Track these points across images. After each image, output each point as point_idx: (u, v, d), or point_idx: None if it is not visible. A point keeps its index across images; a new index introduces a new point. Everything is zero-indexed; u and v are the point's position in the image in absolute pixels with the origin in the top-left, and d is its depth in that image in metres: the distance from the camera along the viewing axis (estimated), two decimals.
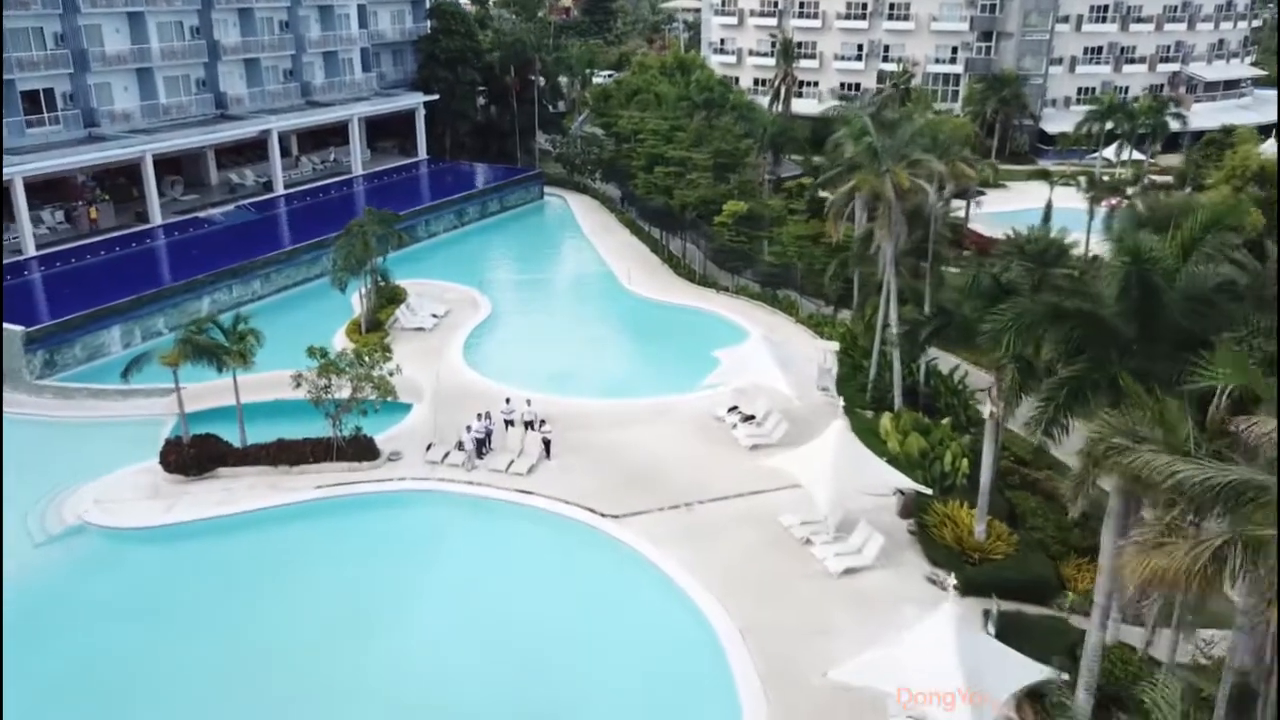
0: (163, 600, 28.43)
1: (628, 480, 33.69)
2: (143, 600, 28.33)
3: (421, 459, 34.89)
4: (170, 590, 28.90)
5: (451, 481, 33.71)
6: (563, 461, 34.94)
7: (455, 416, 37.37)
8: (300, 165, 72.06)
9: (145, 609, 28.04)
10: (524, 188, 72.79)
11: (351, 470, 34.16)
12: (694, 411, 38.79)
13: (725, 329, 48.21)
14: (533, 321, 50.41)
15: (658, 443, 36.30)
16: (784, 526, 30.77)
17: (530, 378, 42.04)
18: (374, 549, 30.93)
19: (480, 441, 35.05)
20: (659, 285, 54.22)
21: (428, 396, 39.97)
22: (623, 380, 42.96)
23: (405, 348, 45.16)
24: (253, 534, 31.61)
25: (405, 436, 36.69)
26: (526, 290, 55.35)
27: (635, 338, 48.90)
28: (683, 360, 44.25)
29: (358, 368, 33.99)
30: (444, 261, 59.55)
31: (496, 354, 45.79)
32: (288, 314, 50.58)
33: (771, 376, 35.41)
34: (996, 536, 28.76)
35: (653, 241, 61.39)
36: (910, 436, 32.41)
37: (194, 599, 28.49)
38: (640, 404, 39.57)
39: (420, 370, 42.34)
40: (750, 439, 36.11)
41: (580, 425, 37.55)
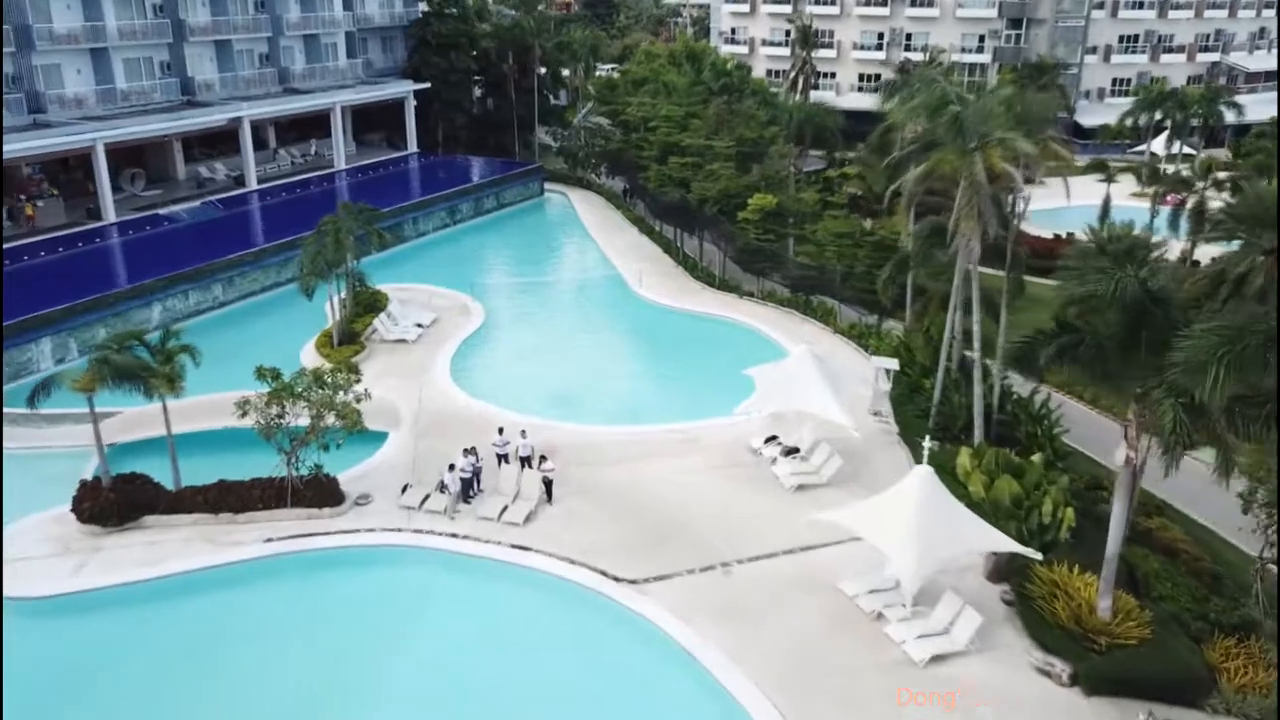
0: (63, 696, 22.15)
1: (647, 531, 27.44)
2: (35, 696, 22.01)
3: (395, 503, 28.62)
4: (73, 682, 22.61)
5: (431, 533, 27.42)
6: (567, 506, 28.68)
7: (439, 448, 31.18)
8: (278, 159, 65.90)
9: (38, 708, 21.75)
10: (523, 183, 66.56)
11: (309, 519, 27.88)
12: (724, 442, 32.52)
13: (753, 341, 42.02)
14: (531, 332, 44.12)
15: (682, 482, 30.03)
16: (848, 596, 24.48)
17: (528, 400, 35.84)
18: (334, 621, 24.66)
19: (467, 482, 28.80)
20: (674, 290, 47.95)
21: (407, 424, 33.70)
22: (638, 403, 36.66)
23: (383, 363, 39.02)
24: (183, 603, 25.33)
25: (377, 474, 30.40)
26: (525, 296, 49.07)
27: (650, 352, 42.60)
28: (708, 379, 38.05)
29: (317, 391, 27.73)
30: (433, 264, 53.37)
31: (489, 371, 39.53)
32: (252, 324, 44.45)
33: (819, 401, 29.13)
34: (1125, 614, 22.48)
35: (665, 241, 55.18)
36: (1000, 479, 26.10)
37: (102, 693, 22.24)
38: (659, 433, 33.27)
39: (400, 391, 36.14)
40: (795, 477, 29.82)
41: (588, 459, 31.28)
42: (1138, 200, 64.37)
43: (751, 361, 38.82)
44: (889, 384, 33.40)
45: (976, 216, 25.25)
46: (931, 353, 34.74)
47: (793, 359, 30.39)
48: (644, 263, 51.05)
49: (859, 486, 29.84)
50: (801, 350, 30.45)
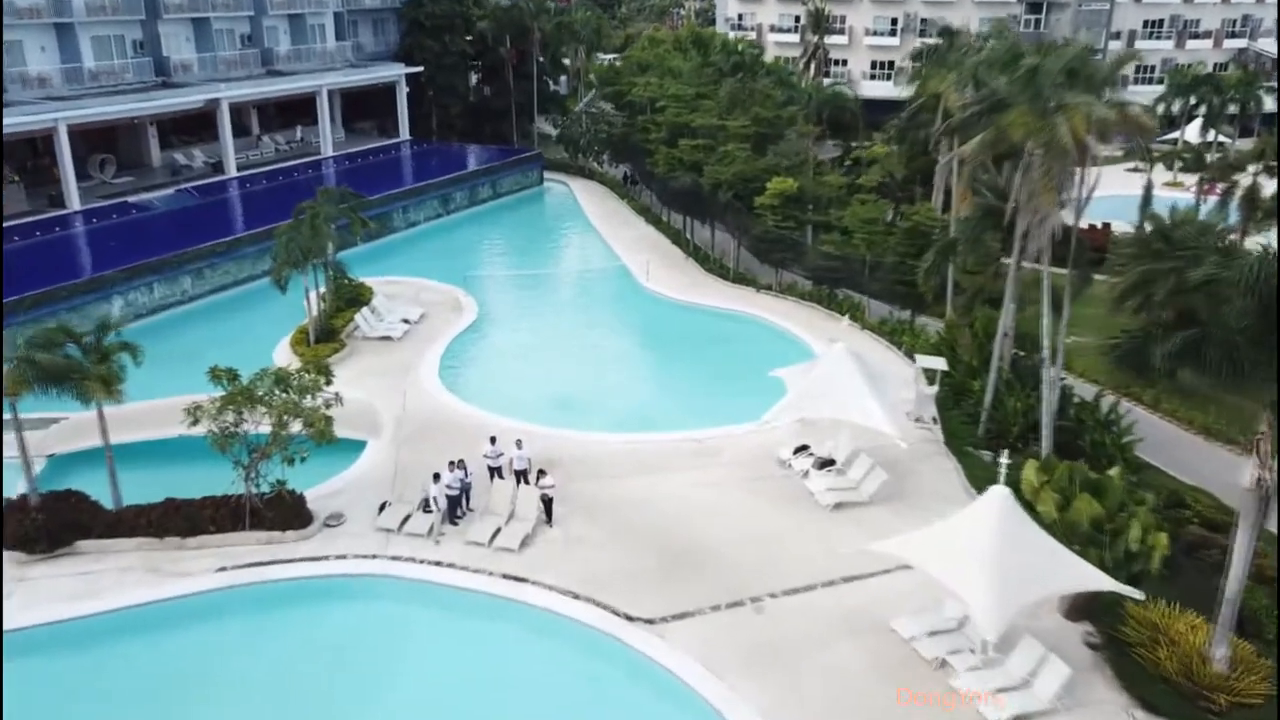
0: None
1: (663, 559, 23.57)
2: None
3: (371, 525, 24.75)
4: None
5: (411, 561, 23.52)
6: (569, 528, 24.82)
7: (424, 459, 27.34)
8: (261, 145, 62.08)
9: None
10: (520, 171, 62.67)
11: (270, 543, 24.01)
12: (748, 452, 28.66)
13: (773, 338, 38.24)
14: (529, 330, 40.24)
15: (702, 499, 26.17)
16: (903, 639, 20.60)
17: (525, 404, 31.95)
18: (296, 667, 20.83)
19: (454, 500, 24.94)
20: (686, 283, 44.08)
21: (388, 431, 29.82)
22: (648, 408, 32.76)
23: (365, 363, 35.16)
24: (118, 646, 21.48)
25: (351, 490, 26.52)
26: (522, 290, 45.20)
27: (661, 351, 38.68)
28: (726, 381, 34.25)
29: (280, 395, 23.86)
30: (424, 256, 49.53)
31: (482, 372, 35.67)
32: (224, 320, 40.57)
33: (862, 406, 25.23)
34: (1244, 666, 18.63)
35: (674, 232, 51.31)
36: (1079, 499, 22.20)
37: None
38: (673, 442, 29.40)
39: (382, 394, 32.28)
40: (831, 494, 25.95)
41: (593, 472, 27.44)
42: (1171, 190, 60.67)
43: (772, 361, 34.97)
44: (934, 386, 29.48)
45: (1056, 190, 21.34)
46: (978, 351, 30.92)
47: (830, 358, 26.48)
48: (651, 254, 47.16)
49: (905, 505, 26.04)
50: (839, 349, 26.56)
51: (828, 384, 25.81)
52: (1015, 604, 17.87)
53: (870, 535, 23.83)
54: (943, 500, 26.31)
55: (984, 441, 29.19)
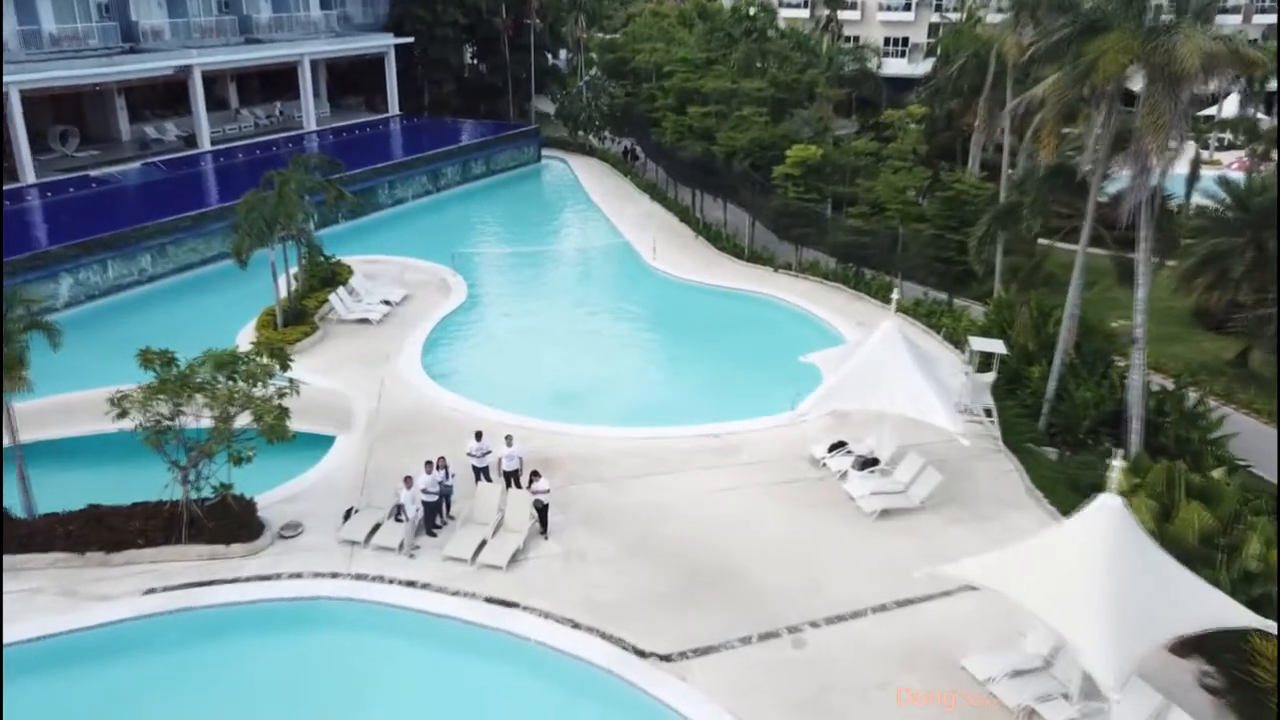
0: None
1: (680, 578, 19.74)
2: None
3: (334, 536, 20.90)
4: None
5: (380, 580, 19.67)
6: (567, 540, 20.97)
7: (400, 458, 23.56)
8: (239, 119, 58.14)
9: None
10: (516, 146, 58.66)
11: (212, 560, 20.16)
12: (774, 450, 24.82)
13: (795, 321, 34.44)
14: (524, 311, 36.34)
15: (724, 506, 22.32)
16: (977, 681, 16.75)
17: (518, 395, 28.17)
18: (240, 711, 17.00)
19: (432, 507, 21.08)
20: (696, 263, 40.18)
21: (360, 425, 25.97)
22: (658, 399, 28.93)
23: (338, 348, 31.34)
24: (23, 686, 17.58)
25: (313, 495, 22.67)
26: (516, 269, 41.30)
27: (671, 335, 34.72)
28: (745, 368, 30.47)
29: (224, 383, 19.99)
30: (411, 234, 45.66)
31: (470, 359, 31.80)
32: (187, 302, 36.69)
33: (917, 396, 21.31)
34: None
35: (682, 209, 47.36)
36: (1185, 507, 18.34)
37: None
38: (688, 437, 25.54)
39: (357, 382, 28.45)
40: (876, 498, 22.09)
41: (597, 473, 23.60)
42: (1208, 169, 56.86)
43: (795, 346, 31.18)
44: (990, 373, 25.56)
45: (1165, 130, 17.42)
46: (1034, 334, 27.05)
47: (876, 339, 22.53)
48: (658, 233, 43.21)
49: (961, 511, 22.22)
50: (888, 327, 22.61)
51: (873, 370, 21.89)
52: (1142, 648, 14.01)
53: (928, 550, 20.09)
54: (1004, 505, 22.55)
55: (1045, 437, 25.38)
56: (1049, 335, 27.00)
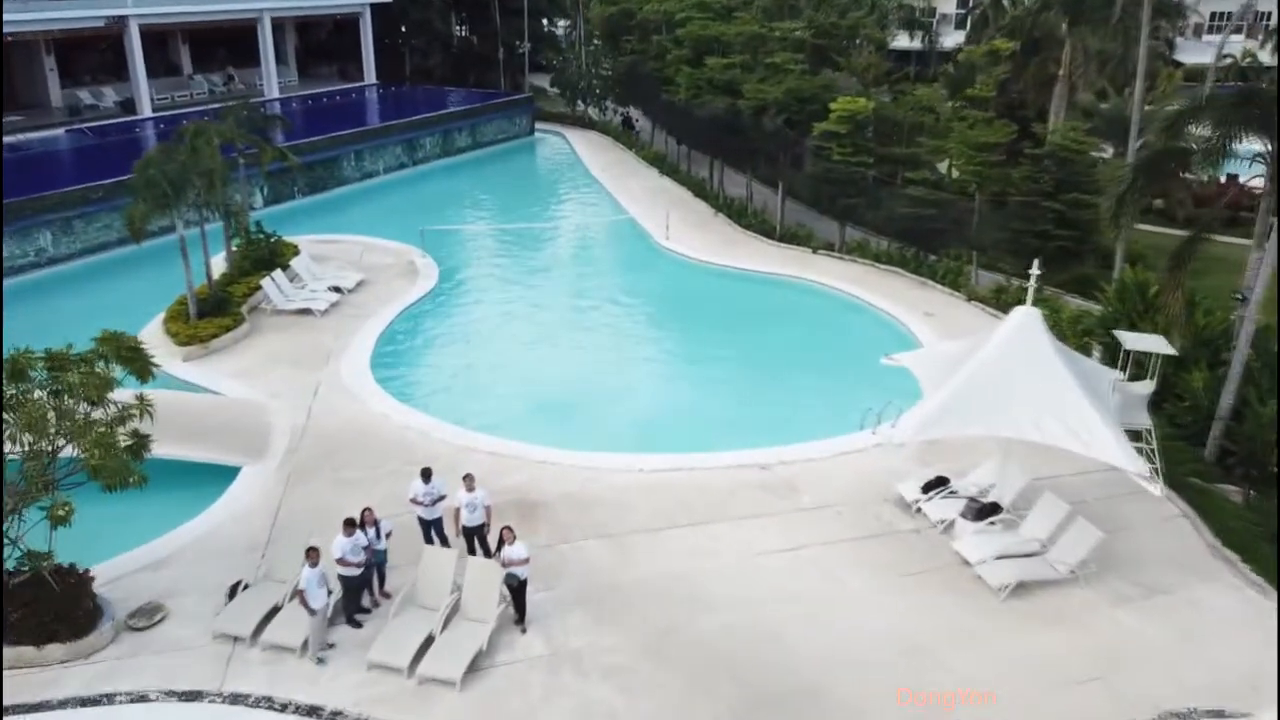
0: None
1: (728, 699, 12.85)
2: None
3: (208, 628, 13.99)
4: None
5: (268, 708, 12.75)
6: (556, 633, 14.07)
7: (325, 499, 16.77)
8: (192, 85, 51.32)
9: None
10: (506, 117, 51.63)
11: (15, 669, 13.23)
12: (846, 487, 17.93)
13: (848, 312, 27.71)
14: (506, 301, 29.42)
15: (784, 578, 15.41)
16: None
17: (496, 409, 21.40)
18: None
19: (356, 585, 14.16)
20: (718, 243, 33.30)
21: (277, 452, 19.07)
22: (682, 416, 21.94)
23: (266, 347, 24.55)
24: None
25: (189, 558, 15.74)
26: (498, 250, 34.35)
27: (692, 331, 27.67)
28: (797, 373, 23.62)
29: (37, 399, 13.14)
30: (380, 211, 38.79)
31: (435, 362, 24.87)
32: (95, 288, 29.85)
33: (1070, 421, 14.35)
34: None
35: (696, 184, 40.46)
36: None
37: None
38: (726, 469, 18.63)
39: (283, 393, 21.59)
40: (1005, 566, 15.17)
41: (597, 525, 16.71)
42: None
43: (853, 343, 24.74)
44: (1149, 382, 18.56)
45: None
46: (1194, 333, 20.18)
47: (1003, 337, 15.52)
48: (670, 209, 36.25)
49: (1126, 582, 15.39)
50: (1025, 314, 15.64)
51: (1004, 381, 14.93)
52: None
53: (1094, 650, 13.43)
54: (1184, 572, 15.75)
55: (1214, 469, 18.51)
56: (1208, 331, 20.14)
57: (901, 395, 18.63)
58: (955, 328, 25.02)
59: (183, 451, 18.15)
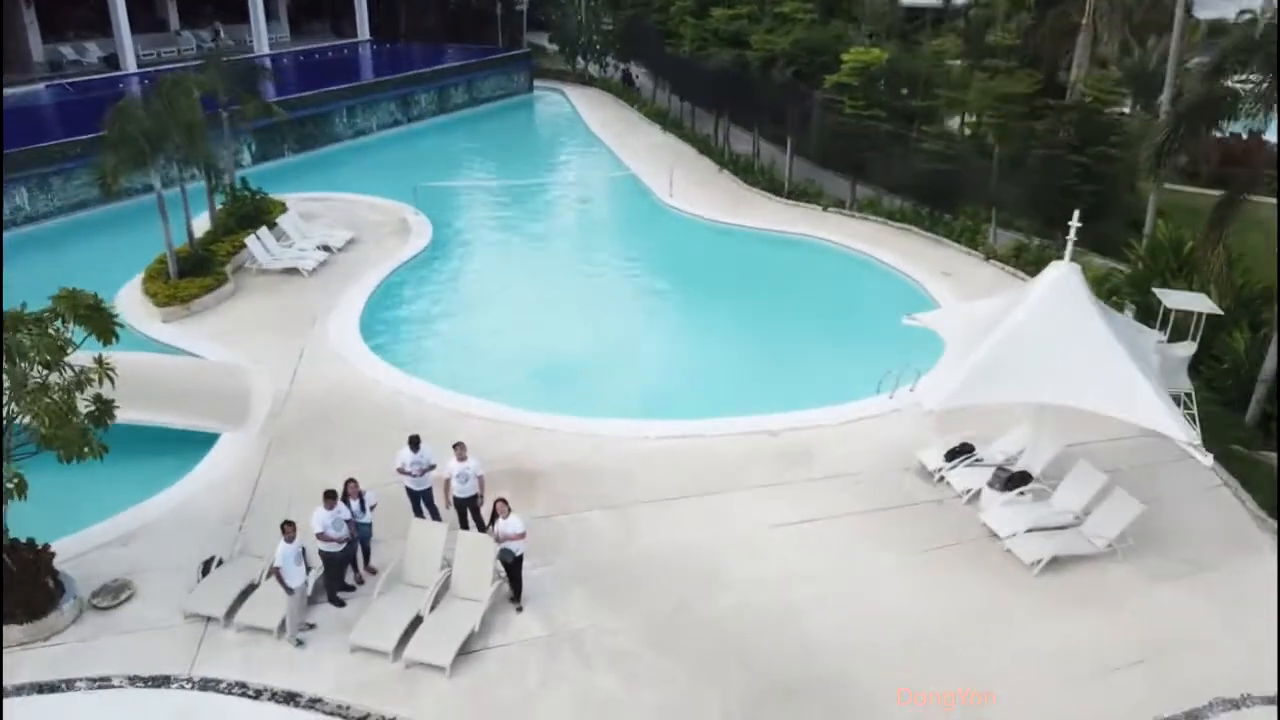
0: None
1: (744, 688, 11.82)
2: None
3: (178, 607, 12.95)
4: None
5: (240, 694, 11.74)
6: (555, 613, 13.03)
7: (308, 470, 15.70)
8: (179, 41, 49.81)
9: None
10: (504, 73, 50.05)
11: None
12: (862, 455, 16.83)
13: (862, 272, 26.54)
14: (502, 260, 28.22)
15: (799, 552, 14.35)
16: None
17: (491, 374, 20.30)
18: None
19: (337, 561, 13.11)
20: (724, 200, 32.02)
21: (259, 418, 17.97)
22: (688, 381, 20.83)
23: (251, 308, 23.49)
24: None
25: (160, 532, 14.67)
26: (495, 208, 33.08)
27: (698, 291, 26.38)
28: (809, 335, 22.46)
29: None
30: (372, 169, 37.40)
31: (427, 324, 23.73)
32: (76, 247, 28.64)
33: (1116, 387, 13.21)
34: None
35: (701, 141, 39.06)
36: None
37: None
38: (735, 435, 17.52)
39: (268, 355, 20.46)
40: (1037, 540, 14.10)
41: (600, 495, 15.63)
42: None
43: (867, 303, 23.60)
44: (1189, 343, 17.38)
45: None
46: (1234, 292, 19.00)
47: (1038, 297, 14.31)
48: (674, 166, 34.87)
49: (1166, 558, 14.28)
50: (1061, 278, 14.40)
51: (1043, 344, 13.75)
52: None
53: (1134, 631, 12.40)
54: (1228, 546, 14.69)
55: (1258, 435, 17.42)
56: (1247, 291, 18.96)
57: (920, 357, 17.57)
58: (974, 288, 23.87)
59: (157, 417, 17.07)
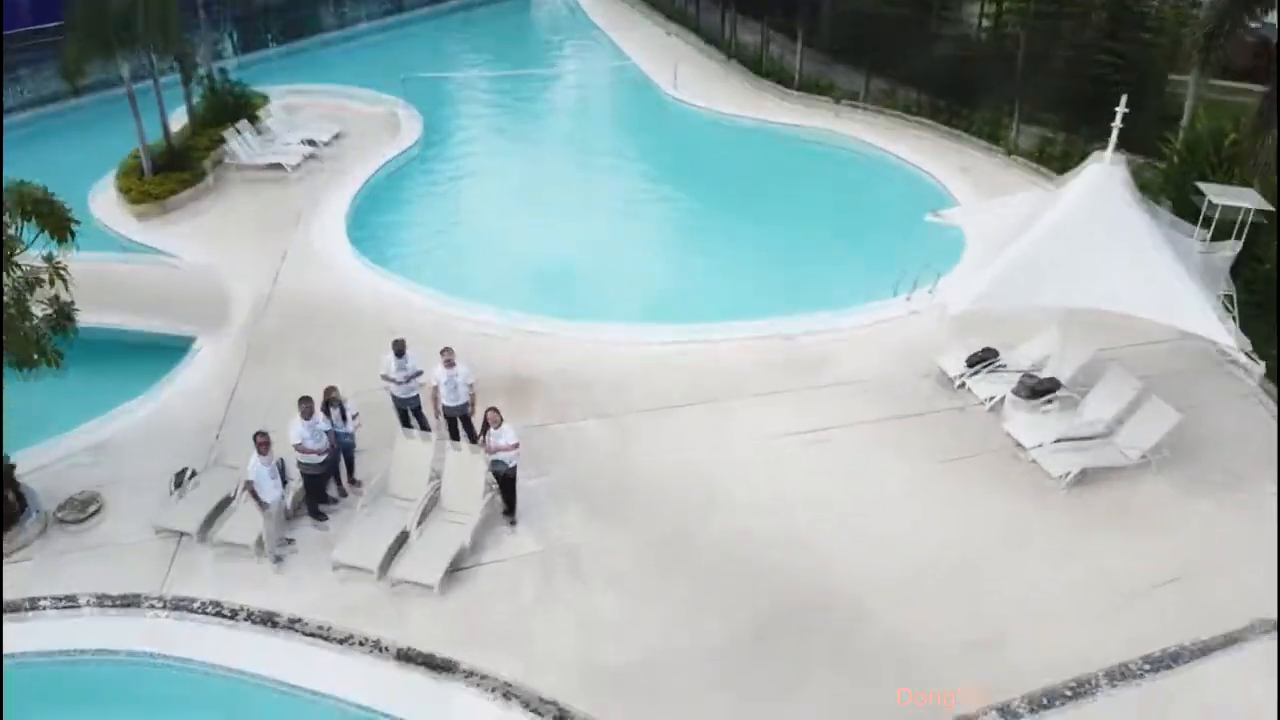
0: None
1: (748, 612, 11.07)
2: None
3: (149, 523, 12.17)
4: None
5: (216, 616, 11.02)
6: (550, 528, 12.25)
7: (288, 377, 14.77)
8: None
9: None
10: None
11: None
12: (878, 362, 15.85)
13: (878, 168, 25.12)
14: (498, 157, 26.77)
15: (810, 465, 13.48)
16: None
17: (484, 276, 19.21)
18: None
19: (318, 475, 12.25)
20: (732, 94, 30.36)
21: (237, 324, 16.98)
22: (693, 283, 19.71)
23: (231, 207, 22.39)
24: None
25: (130, 443, 13.82)
26: (490, 101, 31.41)
27: (705, 187, 24.93)
28: (821, 234, 21.25)
29: None
30: (361, 64, 35.36)
31: (417, 224, 22.49)
32: (41, 144, 26.93)
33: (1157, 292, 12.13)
34: None
35: (708, 32, 36.95)
36: None
37: None
38: (744, 341, 16.50)
39: (246, 256, 19.40)
40: (1066, 451, 13.22)
41: (597, 404, 14.72)
42: None
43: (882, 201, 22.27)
44: (1234, 242, 16.19)
45: None
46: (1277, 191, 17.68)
47: (1075, 195, 13.08)
48: (680, 57, 33.02)
49: (1202, 471, 13.41)
50: (1101, 171, 13.15)
51: (1078, 244, 12.61)
52: None
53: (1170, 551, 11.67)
54: (1270, 457, 13.74)
55: None
56: None
57: (939, 258, 16.46)
58: (996, 186, 22.54)
59: (128, 322, 16.17)
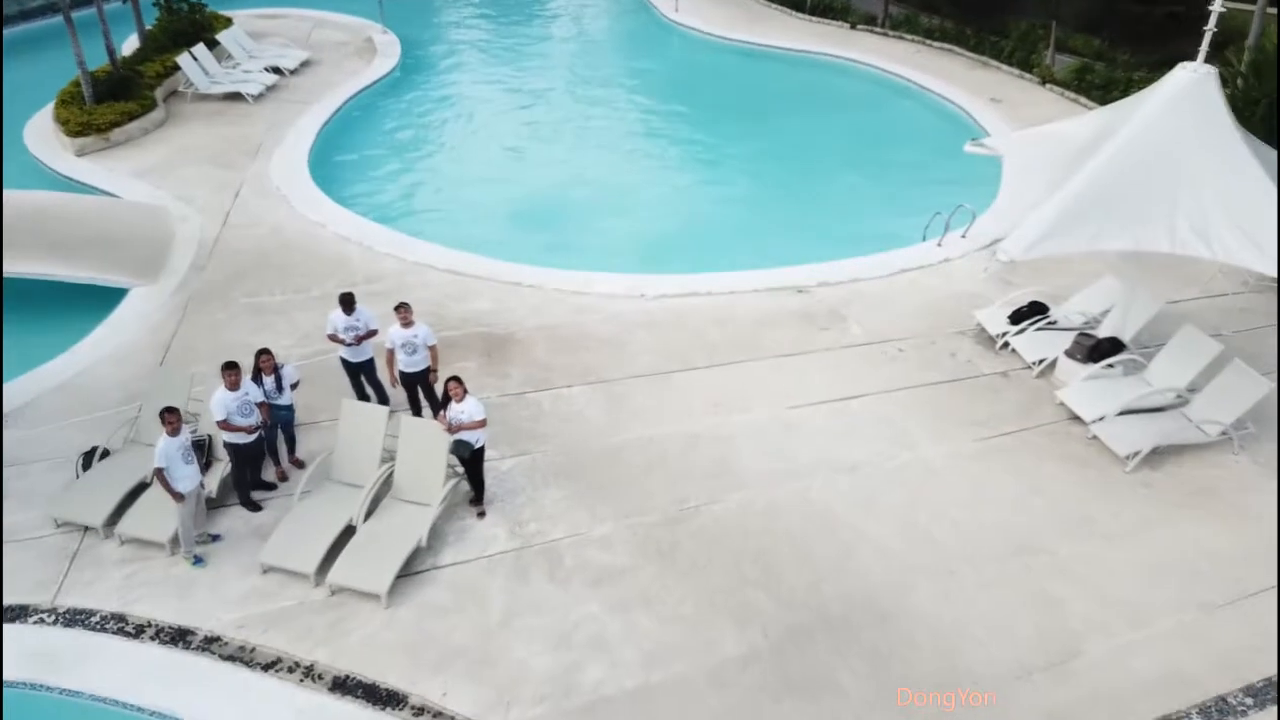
0: None
1: (764, 623, 9.14)
2: None
3: (51, 514, 10.24)
4: None
5: (116, 630, 9.13)
6: (526, 517, 10.29)
7: (228, 334, 12.77)
8: None
9: None
10: None
11: None
12: (907, 316, 13.82)
13: (897, 97, 22.96)
14: (480, 84, 24.44)
15: (833, 440, 11.51)
16: None
17: (461, 218, 17.12)
18: None
19: (249, 455, 10.28)
20: (737, 17, 27.94)
21: (178, 272, 14.94)
22: (697, 227, 17.60)
23: (185, 140, 20.29)
24: None
25: (38, 412, 11.87)
26: (473, 25, 29.00)
27: (709, 119, 22.73)
28: (839, 171, 19.10)
29: None
30: None
31: (389, 159, 20.30)
32: None
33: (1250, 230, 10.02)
34: None
35: None
36: None
37: None
38: (754, 293, 14.50)
39: (197, 193, 17.36)
40: (1129, 429, 11.24)
41: (585, 366, 12.73)
42: None
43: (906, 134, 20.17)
44: None
45: None
46: None
47: (1167, 101, 10.89)
48: None
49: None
50: (1187, 80, 10.95)
51: (1154, 174, 10.48)
52: None
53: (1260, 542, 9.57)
54: None
55: None
56: None
57: (973, 197, 14.36)
58: (1030, 117, 20.28)
59: (54, 270, 14.07)
